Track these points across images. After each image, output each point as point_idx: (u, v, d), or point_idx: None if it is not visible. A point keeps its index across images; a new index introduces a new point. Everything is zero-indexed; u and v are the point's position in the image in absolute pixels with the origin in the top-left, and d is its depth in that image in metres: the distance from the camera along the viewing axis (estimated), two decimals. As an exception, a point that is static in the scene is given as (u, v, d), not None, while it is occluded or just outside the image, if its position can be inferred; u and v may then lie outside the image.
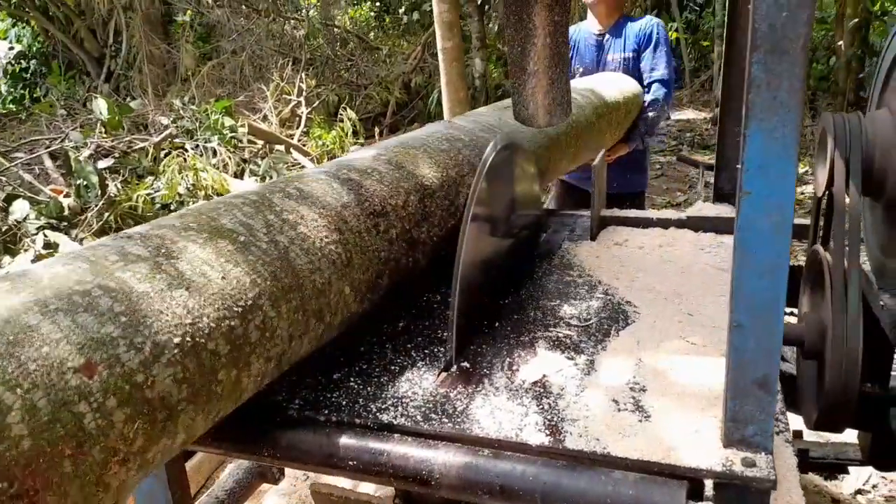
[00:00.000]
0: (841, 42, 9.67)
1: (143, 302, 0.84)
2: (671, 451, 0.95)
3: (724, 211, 1.93)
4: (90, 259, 0.88)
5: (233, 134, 7.23)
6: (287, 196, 1.19)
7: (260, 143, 7.32)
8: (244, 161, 6.84)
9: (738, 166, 0.84)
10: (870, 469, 2.23)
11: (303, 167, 7.02)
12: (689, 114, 13.63)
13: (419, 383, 1.18)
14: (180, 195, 5.53)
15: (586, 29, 3.13)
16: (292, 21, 11.22)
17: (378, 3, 13.06)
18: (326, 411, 1.10)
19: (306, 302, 1.07)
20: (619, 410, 1.06)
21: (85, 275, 0.84)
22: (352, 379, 1.20)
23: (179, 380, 0.83)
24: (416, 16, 10.83)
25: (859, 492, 2.30)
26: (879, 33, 10.46)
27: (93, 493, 0.72)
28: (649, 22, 2.97)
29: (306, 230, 1.13)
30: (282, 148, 7.32)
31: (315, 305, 1.09)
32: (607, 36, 3.04)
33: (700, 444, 0.96)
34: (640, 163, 3.06)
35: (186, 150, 6.42)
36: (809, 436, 2.02)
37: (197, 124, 7.24)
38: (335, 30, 11.27)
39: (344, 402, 1.12)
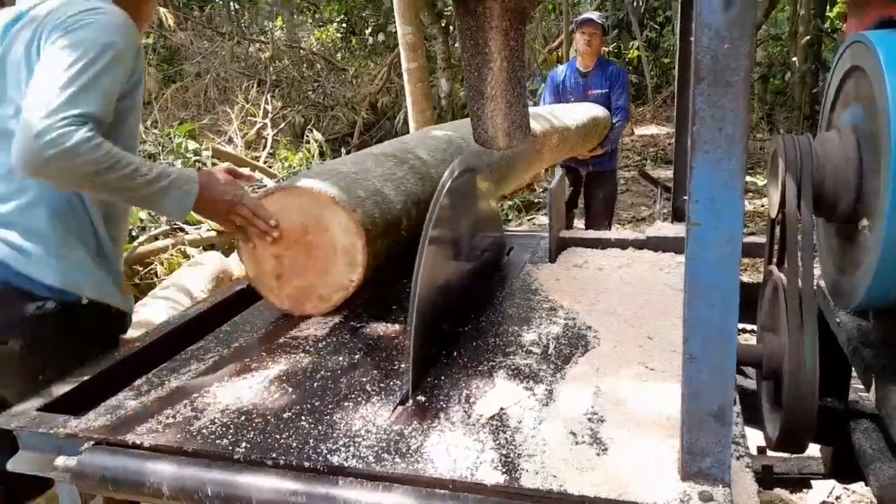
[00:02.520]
0: (795, 58, 9.98)
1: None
2: (629, 485, 0.92)
3: (683, 231, 1.93)
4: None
5: (196, 157, 7.13)
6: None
7: (224, 166, 7.22)
8: (208, 184, 6.73)
9: (685, 198, 0.83)
10: (833, 481, 2.24)
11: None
12: (652, 129, 13.89)
13: (373, 420, 1.14)
14: (142, 220, 5.41)
15: (574, 68, 4.58)
16: (257, 43, 11.18)
17: (344, 25, 13.09)
18: (274, 454, 1.06)
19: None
20: (576, 443, 1.03)
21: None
22: (303, 417, 1.16)
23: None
24: (381, 37, 10.87)
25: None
26: (831, 49, 10.82)
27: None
28: (617, 69, 4.60)
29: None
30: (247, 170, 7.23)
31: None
32: (590, 76, 4.50)
33: (657, 478, 0.94)
34: (610, 155, 4.62)
35: (148, 175, 6.29)
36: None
37: (160, 148, 7.13)
38: (301, 51, 11.25)
39: (293, 444, 1.08)
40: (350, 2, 11.98)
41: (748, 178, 8.35)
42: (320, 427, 1.12)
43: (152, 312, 3.14)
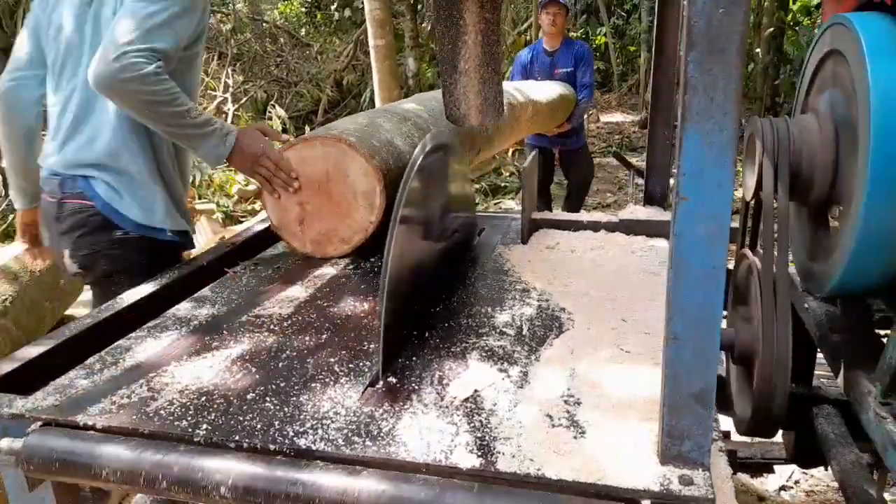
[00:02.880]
0: (758, 49, 10.14)
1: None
2: (607, 469, 0.90)
3: (654, 214, 1.93)
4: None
5: (154, 131, 6.91)
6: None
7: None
8: (166, 159, 6.53)
9: (673, 171, 0.80)
10: (793, 465, 2.29)
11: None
12: (617, 116, 13.99)
13: (342, 402, 1.09)
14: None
15: (541, 48, 4.69)
16: (218, 14, 10.84)
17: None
18: (237, 437, 1.00)
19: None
20: (553, 426, 1.00)
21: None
22: (268, 399, 1.11)
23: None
24: (347, 12, 10.65)
25: (783, 488, 2.36)
26: (792, 42, 11.03)
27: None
28: (581, 46, 4.69)
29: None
30: (207, 146, 7.02)
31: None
32: (557, 54, 4.62)
33: (636, 462, 0.91)
34: (577, 132, 4.75)
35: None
36: (736, 436, 2.05)
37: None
38: (264, 25, 10.96)
39: (258, 426, 1.03)
40: (316, -24, 11.71)
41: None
42: (286, 409, 1.07)
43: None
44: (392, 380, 1.16)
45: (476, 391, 1.11)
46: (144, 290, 1.60)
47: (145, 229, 1.74)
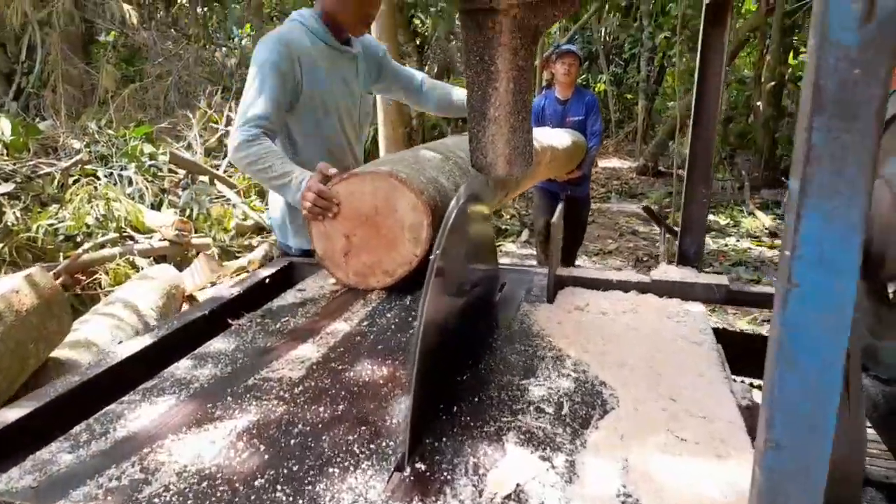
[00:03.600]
0: (759, 103, 10.22)
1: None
2: None
3: (688, 275, 1.81)
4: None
5: (152, 162, 6.79)
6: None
7: (182, 172, 6.90)
8: (163, 191, 6.41)
9: (787, 252, 0.68)
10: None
11: (228, 199, 6.64)
12: (615, 162, 14.07)
13: (364, 494, 0.95)
14: (88, 226, 5.07)
15: (553, 96, 4.80)
16: (224, 48, 10.88)
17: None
18: (245, 536, 0.85)
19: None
20: (613, 535, 0.86)
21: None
22: (279, 487, 0.96)
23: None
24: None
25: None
26: (791, 97, 11.15)
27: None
28: (591, 96, 4.80)
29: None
30: (206, 179, 6.92)
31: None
32: (568, 103, 4.73)
33: (719, 588, 0.77)
34: (586, 179, 4.83)
35: (99, 178, 5.95)
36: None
37: (113, 150, 6.77)
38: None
39: (269, 523, 0.88)
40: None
41: (711, 217, 8.44)
42: (301, 501, 0.93)
43: (93, 331, 2.84)
44: (420, 466, 1.01)
45: (518, 485, 0.96)
46: (139, 343, 1.46)
47: (300, 252, 2.29)
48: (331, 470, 1.00)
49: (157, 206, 6.05)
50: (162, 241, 5.15)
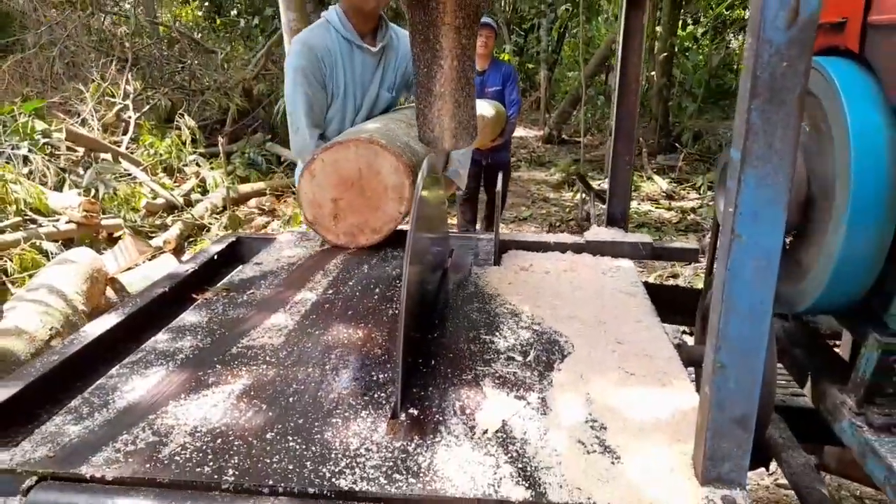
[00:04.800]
0: (653, 73, 10.80)
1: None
2: (653, 494, 0.93)
3: (617, 235, 2.01)
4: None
5: (46, 139, 6.38)
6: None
7: (81, 150, 6.53)
8: (63, 171, 6.05)
9: (730, 209, 0.84)
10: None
11: (134, 178, 6.37)
12: (520, 131, 14.43)
13: (369, 437, 1.06)
14: (-15, 210, 4.76)
15: None
16: (113, 16, 10.22)
17: (207, 4, 12.29)
18: (270, 481, 0.95)
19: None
20: (588, 453, 1.03)
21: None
22: (290, 438, 1.06)
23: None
24: (256, 21, 10.36)
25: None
26: (680, 66, 11.85)
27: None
28: (508, 66, 5.01)
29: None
30: (108, 156, 6.59)
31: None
32: (486, 74, 4.78)
33: (678, 485, 0.95)
34: (506, 147, 5.04)
35: (-10, 158, 5.55)
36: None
37: (1, 127, 6.30)
38: (161, 29, 10.42)
39: (289, 467, 0.98)
40: (218, -20, 11.30)
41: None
42: (314, 448, 1.03)
43: (21, 318, 2.74)
44: (413, 411, 1.14)
45: (504, 421, 1.11)
46: (108, 321, 1.48)
47: None
48: (334, 420, 1.11)
49: (58, 187, 5.72)
50: (69, 224, 4.92)
